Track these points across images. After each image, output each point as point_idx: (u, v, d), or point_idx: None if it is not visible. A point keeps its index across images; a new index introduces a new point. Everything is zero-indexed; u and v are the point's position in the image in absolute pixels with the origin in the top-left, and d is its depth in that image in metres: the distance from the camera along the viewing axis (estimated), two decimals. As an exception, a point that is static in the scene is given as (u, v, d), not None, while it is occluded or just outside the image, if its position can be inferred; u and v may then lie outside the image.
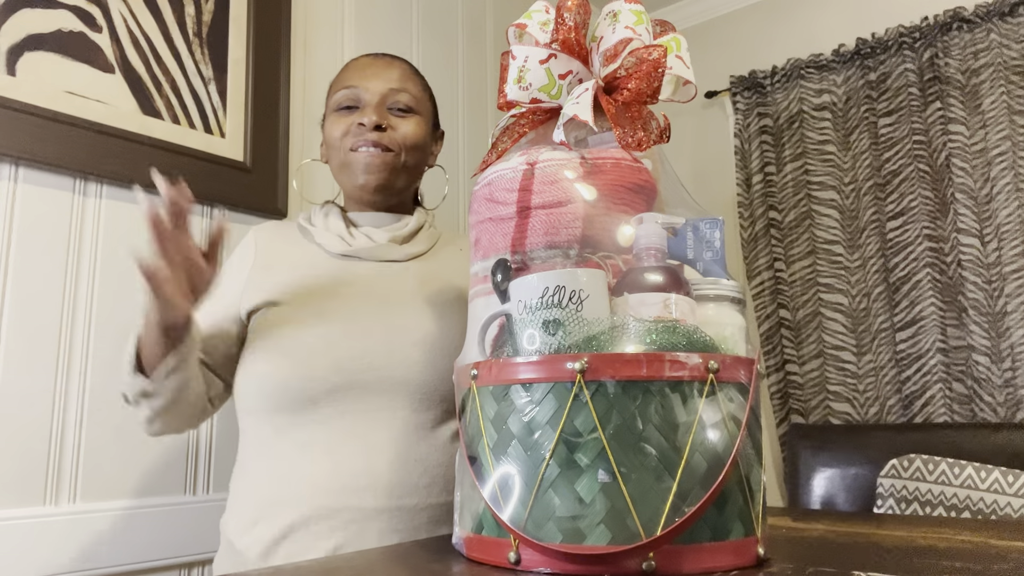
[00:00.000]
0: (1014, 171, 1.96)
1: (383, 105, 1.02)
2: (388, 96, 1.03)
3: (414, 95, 1.05)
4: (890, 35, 2.18)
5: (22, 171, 1.17)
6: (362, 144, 1.00)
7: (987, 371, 1.93)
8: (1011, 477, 1.62)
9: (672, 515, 0.53)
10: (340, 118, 1.03)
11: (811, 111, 2.30)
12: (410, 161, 1.04)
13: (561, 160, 0.67)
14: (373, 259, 1.01)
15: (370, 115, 1.00)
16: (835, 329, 2.19)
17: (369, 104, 1.02)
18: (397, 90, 1.03)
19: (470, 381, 0.62)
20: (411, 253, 1.03)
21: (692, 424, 0.54)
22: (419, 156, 1.05)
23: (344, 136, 1.02)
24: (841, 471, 1.94)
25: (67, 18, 1.23)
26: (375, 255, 1.01)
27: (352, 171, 1.02)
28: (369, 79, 1.03)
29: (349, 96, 1.03)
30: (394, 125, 1.02)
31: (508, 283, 0.63)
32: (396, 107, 1.03)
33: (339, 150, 1.03)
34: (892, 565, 0.56)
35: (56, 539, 1.12)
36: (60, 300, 1.18)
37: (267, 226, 1.09)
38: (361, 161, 1.01)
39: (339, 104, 1.04)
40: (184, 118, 1.37)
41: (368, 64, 1.05)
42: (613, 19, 0.71)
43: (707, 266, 0.68)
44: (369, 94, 1.02)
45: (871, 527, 0.78)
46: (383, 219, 1.06)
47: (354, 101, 1.03)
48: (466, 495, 0.63)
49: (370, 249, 1.00)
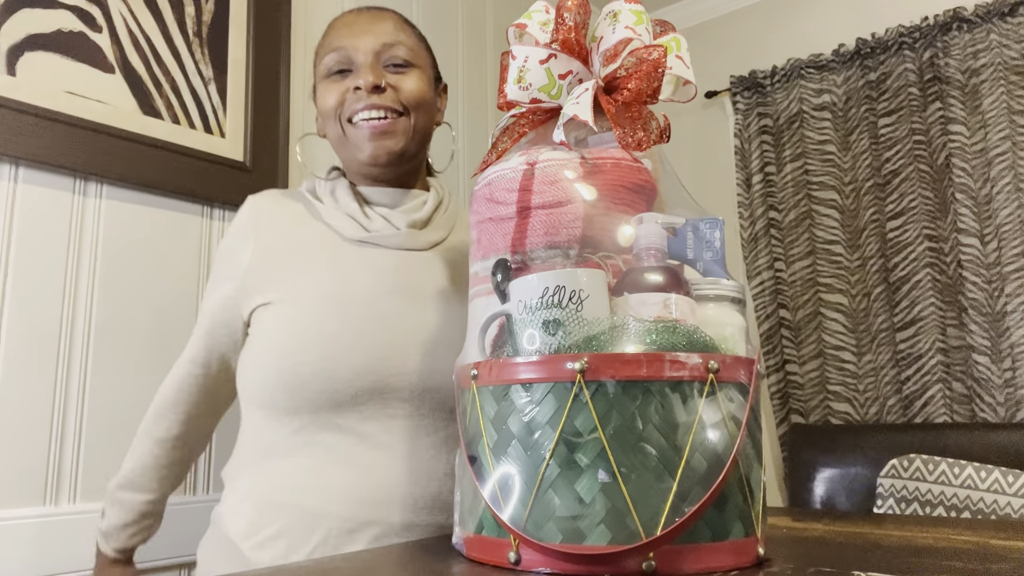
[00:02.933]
0: (1014, 171, 1.96)
1: (378, 63, 0.92)
2: (382, 52, 0.92)
3: (410, 47, 0.94)
4: (890, 35, 2.18)
5: (22, 171, 1.17)
6: (361, 110, 0.90)
7: (987, 371, 1.93)
8: (1011, 477, 1.62)
9: (672, 515, 0.53)
10: (332, 85, 0.93)
11: (811, 111, 2.30)
12: (418, 122, 0.93)
13: (561, 160, 0.67)
14: (393, 247, 0.91)
15: (365, 76, 0.90)
16: (835, 329, 2.19)
17: (363, 65, 0.91)
18: (391, 44, 0.92)
19: (470, 381, 0.62)
20: (432, 241, 0.94)
21: (692, 424, 0.54)
22: (426, 114, 0.95)
23: (339, 105, 0.92)
24: (841, 471, 1.94)
25: (67, 18, 1.23)
26: (396, 243, 0.91)
27: (354, 145, 0.92)
28: (358, 36, 0.92)
29: (338, 59, 0.92)
30: (393, 83, 0.92)
31: (508, 283, 0.63)
32: (392, 63, 0.93)
33: (336, 121, 0.93)
34: (892, 565, 0.55)
35: (56, 539, 1.12)
36: (60, 300, 1.18)
37: (266, 199, 0.97)
38: (363, 133, 0.90)
39: (329, 70, 0.93)
40: (184, 118, 1.37)
41: (354, 20, 0.94)
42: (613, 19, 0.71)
43: (707, 266, 0.68)
44: (361, 53, 0.91)
45: (871, 527, 0.78)
46: (397, 196, 0.96)
47: (345, 64, 0.92)
48: (466, 495, 0.63)
49: (391, 236, 0.91)
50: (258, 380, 0.85)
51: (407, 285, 0.88)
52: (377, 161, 0.92)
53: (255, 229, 0.92)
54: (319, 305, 0.84)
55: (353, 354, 0.81)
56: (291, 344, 0.82)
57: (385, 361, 0.82)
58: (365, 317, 0.83)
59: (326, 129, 0.96)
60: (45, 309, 1.17)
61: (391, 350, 0.83)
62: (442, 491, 0.82)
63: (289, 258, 0.89)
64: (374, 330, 0.83)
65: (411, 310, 0.86)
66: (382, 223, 0.92)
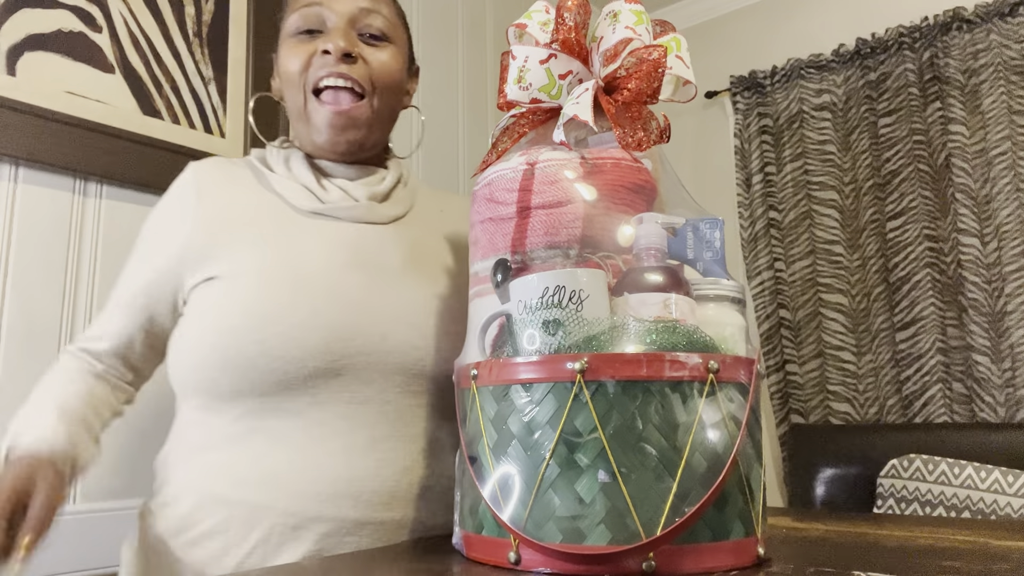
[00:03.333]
0: (1014, 171, 1.96)
1: (352, 29, 0.84)
2: (358, 18, 0.84)
3: (389, 19, 0.87)
4: (890, 35, 2.18)
5: (22, 171, 1.17)
6: (326, 76, 0.82)
7: (987, 371, 1.93)
8: (1011, 477, 1.62)
9: (672, 515, 0.53)
10: (299, 45, 0.84)
11: (811, 111, 2.30)
12: (384, 106, 0.86)
13: (561, 160, 0.68)
14: (351, 219, 0.84)
15: (336, 40, 0.81)
16: (835, 329, 2.19)
17: (335, 28, 0.83)
18: (369, 10, 0.85)
19: (470, 381, 0.62)
20: (392, 215, 0.87)
21: (692, 424, 0.54)
22: (394, 98, 0.88)
23: (304, 70, 0.83)
24: (841, 471, 1.94)
25: (67, 18, 1.23)
26: (354, 215, 0.83)
27: (314, 127, 0.84)
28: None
29: (309, 16, 0.84)
30: (366, 55, 0.84)
31: (508, 283, 0.63)
32: (367, 32, 0.85)
33: (298, 89, 0.84)
34: (892, 565, 0.56)
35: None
36: (60, 300, 1.18)
37: (209, 165, 0.87)
38: (325, 117, 0.83)
39: (296, 28, 0.85)
40: (184, 118, 1.37)
41: None
42: (613, 19, 0.71)
43: (707, 266, 0.68)
44: (335, 15, 0.83)
45: (871, 527, 0.78)
46: (354, 171, 0.88)
47: (315, 23, 0.84)
48: (466, 495, 0.63)
49: (349, 208, 0.83)
50: (195, 362, 0.75)
51: (366, 260, 0.81)
52: (335, 149, 0.85)
53: (196, 198, 0.83)
54: (268, 279, 0.76)
55: (307, 332, 0.73)
56: (236, 321, 0.73)
57: (344, 341, 0.74)
58: (321, 292, 0.76)
59: (286, 96, 0.87)
60: (45, 309, 1.17)
61: (350, 329, 0.75)
62: (399, 486, 0.74)
63: (234, 229, 0.80)
64: (331, 306, 0.75)
65: (372, 286, 0.79)
66: (339, 194, 0.84)
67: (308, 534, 0.71)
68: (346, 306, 0.76)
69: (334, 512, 0.71)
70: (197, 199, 0.83)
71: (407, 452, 0.76)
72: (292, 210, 0.83)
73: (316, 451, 0.73)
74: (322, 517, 0.71)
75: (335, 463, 0.72)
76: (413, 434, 0.77)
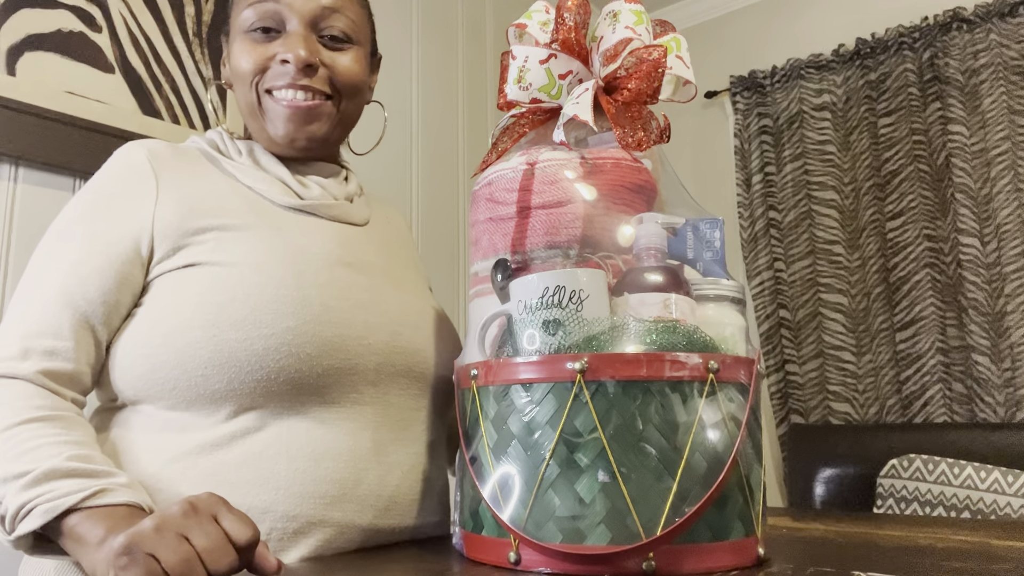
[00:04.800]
0: (1014, 171, 1.97)
1: (312, 33, 0.78)
2: (319, 18, 0.78)
3: (352, 19, 0.80)
4: (890, 35, 2.18)
5: (22, 171, 1.17)
6: (284, 87, 0.76)
7: (987, 371, 1.93)
8: (1011, 477, 1.62)
9: (672, 515, 0.53)
10: (253, 46, 0.77)
11: (811, 111, 2.30)
12: (347, 107, 0.81)
13: (561, 160, 0.68)
14: (329, 217, 0.80)
15: (296, 49, 0.75)
16: (835, 329, 2.19)
17: (295, 33, 0.76)
18: (331, 9, 0.78)
19: (470, 381, 0.62)
20: (365, 217, 0.84)
21: (692, 424, 0.54)
22: (358, 100, 0.83)
23: (258, 73, 0.77)
24: (841, 471, 1.94)
25: (67, 18, 1.23)
26: (334, 213, 0.79)
27: (269, 120, 0.78)
28: None
29: (264, 13, 0.76)
30: (328, 62, 0.78)
31: (508, 283, 0.63)
32: (330, 33, 0.78)
33: (251, 89, 0.78)
34: (892, 565, 0.56)
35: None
36: (60, 300, 1.18)
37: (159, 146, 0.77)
38: (282, 111, 0.77)
39: (250, 24, 0.77)
40: (184, 118, 1.37)
41: None
42: (613, 19, 0.71)
43: (707, 266, 0.68)
44: (295, 15, 0.76)
45: (871, 527, 0.78)
46: (319, 168, 0.84)
47: (272, 22, 0.77)
48: (466, 495, 0.63)
49: (330, 206, 0.79)
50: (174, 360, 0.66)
51: (356, 258, 0.77)
52: (294, 144, 0.79)
53: (155, 178, 0.73)
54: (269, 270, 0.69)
55: (321, 326, 0.68)
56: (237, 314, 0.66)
57: (357, 339, 0.70)
58: (326, 286, 0.71)
59: (237, 91, 0.81)
60: (45, 309, 1.17)
61: (359, 326, 0.71)
62: (400, 489, 0.72)
63: (207, 215, 0.72)
64: (341, 303, 0.71)
65: (370, 284, 0.76)
66: (319, 191, 0.80)
67: (308, 539, 0.66)
68: (355, 304, 0.72)
69: (338, 516, 0.67)
70: (156, 180, 0.73)
71: (407, 455, 0.74)
72: (267, 202, 0.77)
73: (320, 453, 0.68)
74: (325, 521, 0.67)
75: (340, 466, 0.68)
76: (413, 436, 0.75)
